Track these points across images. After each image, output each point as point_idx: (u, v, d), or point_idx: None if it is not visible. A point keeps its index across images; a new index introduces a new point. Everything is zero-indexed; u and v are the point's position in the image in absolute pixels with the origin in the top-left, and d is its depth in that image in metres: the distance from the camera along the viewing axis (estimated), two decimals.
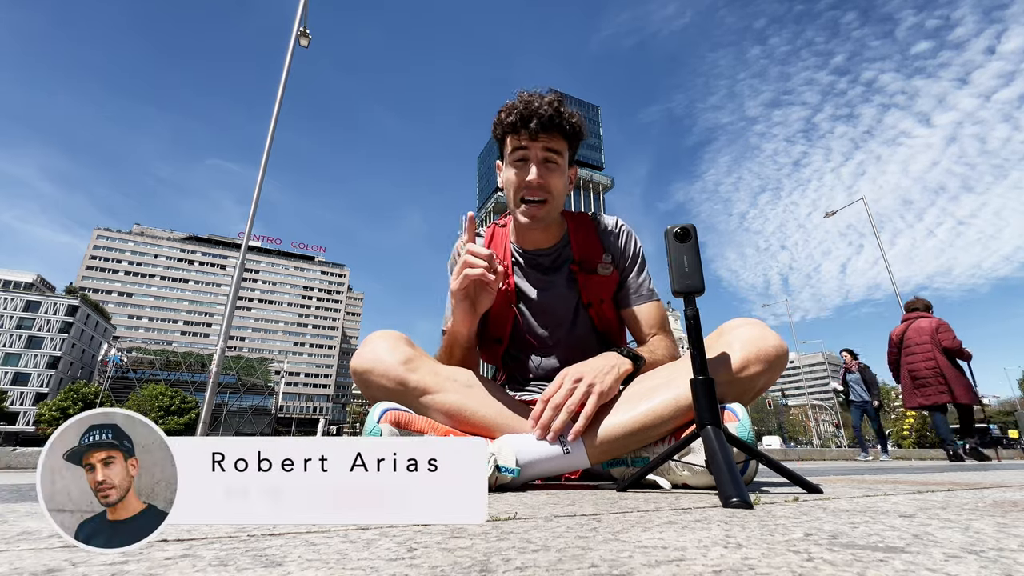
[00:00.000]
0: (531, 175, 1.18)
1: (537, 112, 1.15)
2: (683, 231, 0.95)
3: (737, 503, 0.69)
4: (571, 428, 0.98)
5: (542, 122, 1.15)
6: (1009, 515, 0.64)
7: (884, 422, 54.46)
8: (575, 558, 0.39)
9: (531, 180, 1.18)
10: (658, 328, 1.27)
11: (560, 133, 1.18)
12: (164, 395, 45.93)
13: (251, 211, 7.55)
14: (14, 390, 56.85)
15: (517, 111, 1.16)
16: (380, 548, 0.43)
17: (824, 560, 0.38)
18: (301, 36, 9.19)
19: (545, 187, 1.20)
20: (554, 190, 1.21)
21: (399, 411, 1.00)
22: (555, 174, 1.20)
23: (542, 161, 1.19)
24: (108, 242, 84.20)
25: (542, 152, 1.18)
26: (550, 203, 1.22)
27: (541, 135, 1.16)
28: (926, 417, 38.03)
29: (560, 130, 1.17)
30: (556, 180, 1.21)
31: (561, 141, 1.19)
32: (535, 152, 1.18)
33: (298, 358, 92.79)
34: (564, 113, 1.17)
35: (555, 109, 1.16)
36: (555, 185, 1.21)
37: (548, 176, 1.19)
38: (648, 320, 1.28)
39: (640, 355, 1.12)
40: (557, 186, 1.21)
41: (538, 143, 1.17)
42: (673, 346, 1.24)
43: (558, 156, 1.20)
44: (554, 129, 1.17)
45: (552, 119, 1.15)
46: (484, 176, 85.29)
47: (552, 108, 1.16)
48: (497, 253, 1.33)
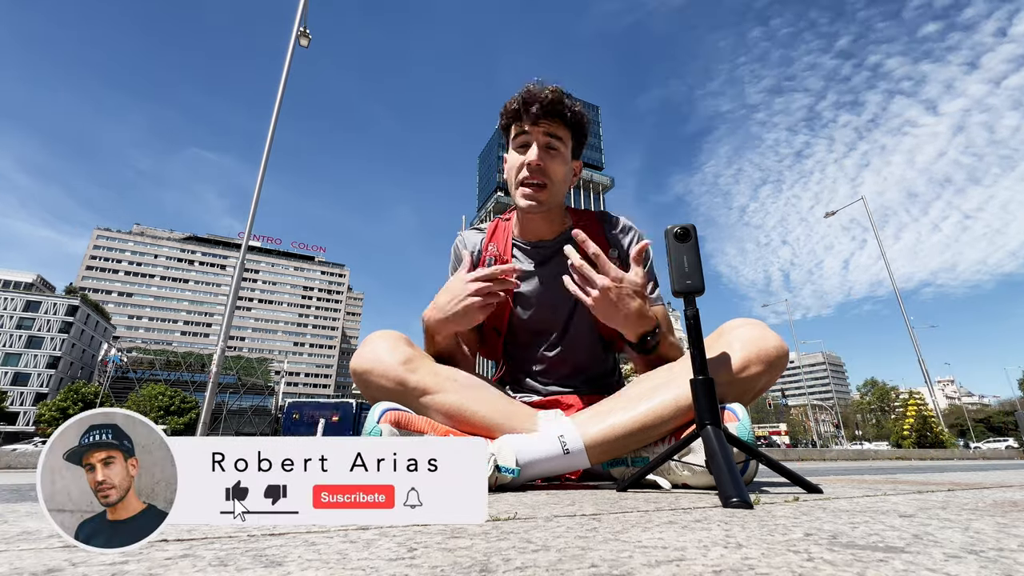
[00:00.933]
0: (530, 155, 1.19)
1: (538, 98, 1.17)
2: (683, 231, 0.95)
3: (737, 503, 0.69)
4: (576, 434, 0.98)
5: (543, 107, 1.17)
6: (1009, 515, 0.64)
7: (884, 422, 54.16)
8: (575, 558, 0.39)
9: (530, 161, 1.19)
10: (665, 330, 1.27)
11: (562, 120, 1.20)
12: (164, 395, 45.90)
13: (251, 211, 7.55)
14: (14, 390, 56.84)
15: (520, 98, 1.19)
16: (380, 548, 0.43)
17: (824, 560, 0.38)
18: (301, 36, 9.19)
19: (544, 170, 1.20)
20: (554, 175, 1.22)
21: (399, 411, 1.00)
22: (556, 160, 1.21)
23: (543, 145, 1.20)
24: (108, 242, 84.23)
25: (543, 137, 1.20)
26: (549, 188, 1.22)
27: (542, 120, 1.19)
28: (926, 417, 38.07)
29: (561, 117, 1.19)
30: (556, 166, 1.22)
31: (563, 128, 1.21)
32: (536, 136, 1.20)
33: (298, 358, 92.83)
34: (566, 102, 1.20)
35: (557, 96, 1.18)
36: (555, 170, 1.21)
37: (548, 160, 1.21)
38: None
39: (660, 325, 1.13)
40: (558, 172, 1.22)
41: (539, 128, 1.19)
42: (677, 345, 1.23)
43: (559, 143, 1.21)
44: (555, 115, 1.19)
45: (554, 104, 1.18)
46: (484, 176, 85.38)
47: (554, 95, 1.18)
48: (498, 246, 1.35)
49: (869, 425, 68.82)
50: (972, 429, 49.11)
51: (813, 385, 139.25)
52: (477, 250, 1.37)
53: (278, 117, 8.28)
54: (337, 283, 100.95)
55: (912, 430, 39.04)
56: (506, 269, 1.10)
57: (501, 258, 1.33)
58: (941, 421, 18.91)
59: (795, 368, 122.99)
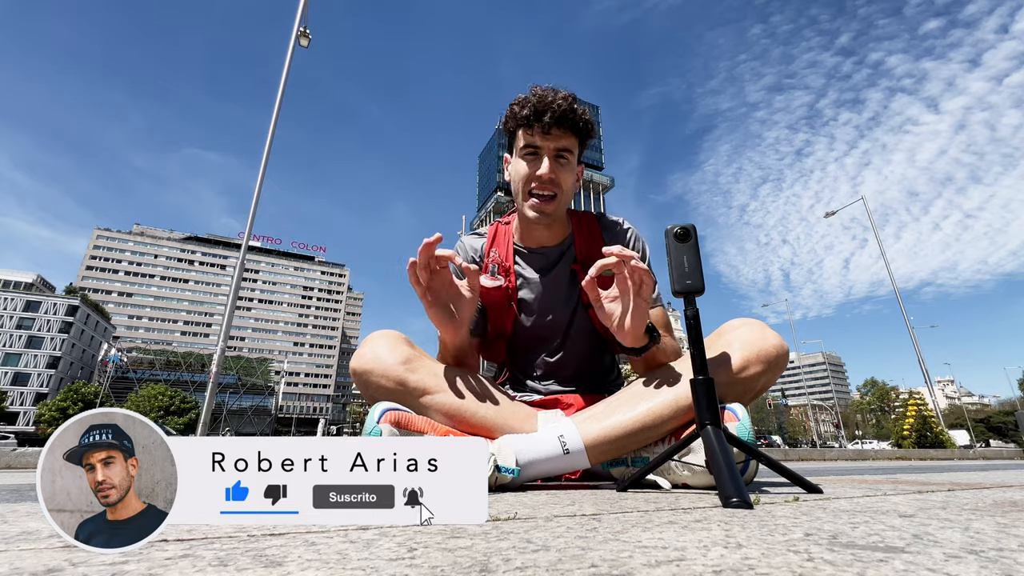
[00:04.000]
0: (543, 168, 1.17)
1: (551, 106, 1.14)
2: (683, 231, 0.95)
3: (737, 503, 0.69)
4: (576, 435, 0.98)
5: (556, 116, 1.14)
6: (1009, 515, 0.64)
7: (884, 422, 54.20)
8: (575, 558, 0.39)
9: (542, 174, 1.17)
10: (661, 330, 1.27)
11: (572, 129, 1.18)
12: (164, 395, 45.89)
13: (251, 211, 7.55)
14: (14, 390, 56.82)
15: (531, 104, 1.16)
16: (380, 548, 0.43)
17: (824, 560, 0.38)
18: (301, 36, 9.19)
19: (556, 182, 1.19)
20: (564, 185, 1.21)
21: (399, 411, 1.00)
22: (566, 170, 1.20)
23: (554, 156, 1.18)
24: (108, 242, 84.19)
25: (554, 147, 1.18)
26: (559, 198, 1.21)
27: (554, 129, 1.16)
28: (926, 417, 38.05)
29: (573, 126, 1.18)
30: (567, 176, 1.21)
31: (572, 138, 1.20)
32: (548, 146, 1.18)
33: (298, 358, 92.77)
34: (577, 110, 1.17)
35: (569, 104, 1.16)
36: (565, 180, 1.21)
37: (559, 171, 1.19)
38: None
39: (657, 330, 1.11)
40: (567, 182, 1.21)
41: (550, 137, 1.17)
42: (675, 344, 1.23)
43: (569, 152, 1.20)
44: (567, 124, 1.17)
45: (566, 114, 1.15)
46: (484, 176, 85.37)
47: (567, 103, 1.16)
48: (499, 251, 1.33)
49: (869, 425, 68.81)
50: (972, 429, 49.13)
51: (813, 385, 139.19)
52: (479, 255, 1.35)
53: (278, 117, 8.28)
54: (337, 283, 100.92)
55: (912, 430, 39.02)
56: (428, 242, 1.00)
57: (504, 265, 1.31)
58: (941, 421, 18.91)
59: (795, 368, 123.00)
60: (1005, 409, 61.02)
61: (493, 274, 1.31)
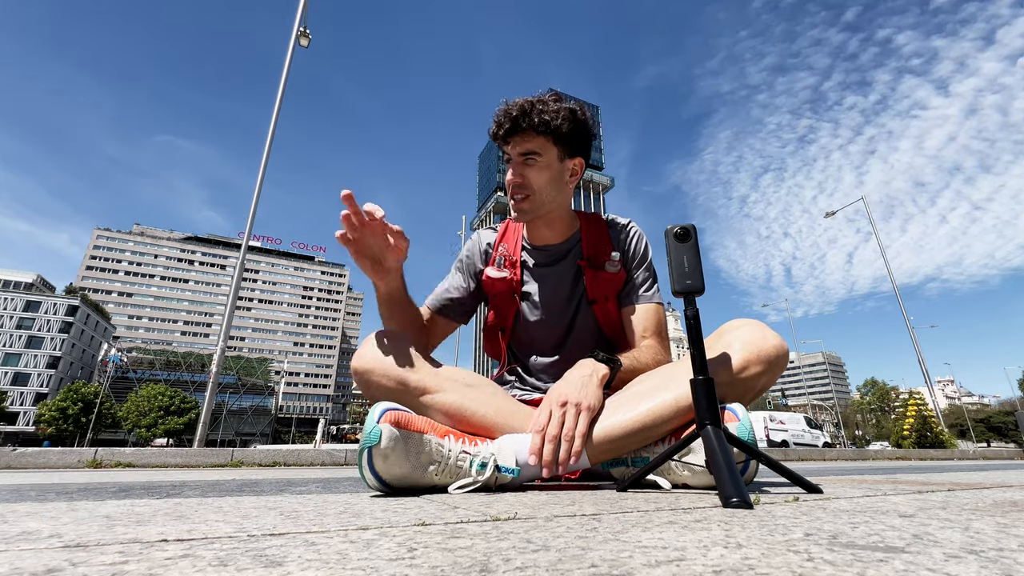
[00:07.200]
0: (508, 175, 1.25)
1: (507, 116, 1.21)
2: (683, 231, 0.95)
3: (737, 503, 0.69)
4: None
5: (510, 126, 1.21)
6: (1009, 515, 0.64)
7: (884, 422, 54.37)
8: (575, 558, 0.39)
9: (508, 180, 1.25)
10: (652, 333, 1.28)
11: (533, 130, 1.21)
12: (164, 395, 45.82)
13: (251, 211, 7.54)
14: (14, 390, 56.81)
15: (495, 119, 1.24)
16: (380, 548, 0.43)
17: (824, 560, 0.38)
18: (301, 36, 9.19)
19: (523, 184, 1.24)
20: (534, 183, 1.24)
21: (399, 411, 1.00)
22: (534, 169, 1.24)
23: (519, 161, 1.24)
24: (108, 242, 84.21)
25: (518, 151, 1.24)
26: (532, 197, 1.25)
27: (512, 137, 1.22)
28: (926, 417, 38.07)
29: (532, 126, 1.21)
30: (534, 174, 1.24)
31: (536, 138, 1.23)
32: (513, 152, 1.24)
33: (298, 358, 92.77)
34: (536, 109, 1.20)
35: (523, 110, 1.20)
36: (533, 179, 1.24)
37: (525, 171, 1.24)
38: (641, 322, 1.28)
39: (617, 359, 1.12)
40: (536, 180, 1.24)
41: (513, 144, 1.24)
42: (663, 352, 1.24)
43: (535, 154, 1.23)
44: (522, 129, 1.21)
45: (518, 120, 1.20)
46: (484, 176, 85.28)
47: (519, 110, 1.20)
48: (508, 245, 1.39)
49: (869, 425, 68.79)
50: (972, 429, 49.11)
51: (813, 385, 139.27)
52: (490, 248, 1.42)
53: (278, 117, 8.28)
54: (337, 283, 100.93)
55: (912, 430, 39.06)
56: (346, 193, 1.03)
57: (510, 258, 1.37)
58: (941, 421, 18.90)
59: (795, 368, 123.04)
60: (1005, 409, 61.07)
61: (499, 266, 1.37)
